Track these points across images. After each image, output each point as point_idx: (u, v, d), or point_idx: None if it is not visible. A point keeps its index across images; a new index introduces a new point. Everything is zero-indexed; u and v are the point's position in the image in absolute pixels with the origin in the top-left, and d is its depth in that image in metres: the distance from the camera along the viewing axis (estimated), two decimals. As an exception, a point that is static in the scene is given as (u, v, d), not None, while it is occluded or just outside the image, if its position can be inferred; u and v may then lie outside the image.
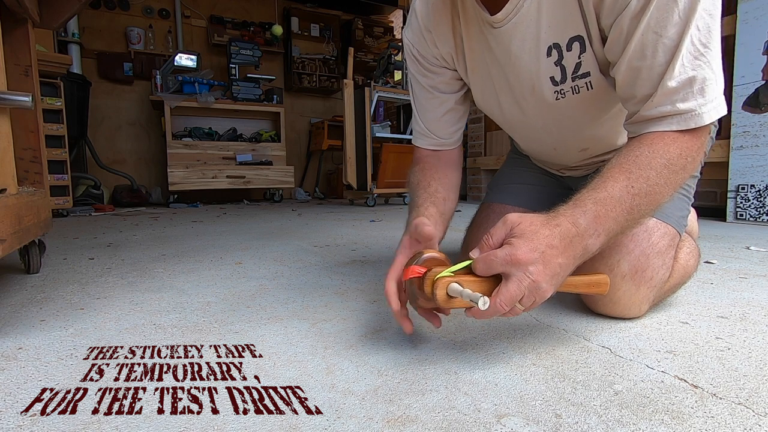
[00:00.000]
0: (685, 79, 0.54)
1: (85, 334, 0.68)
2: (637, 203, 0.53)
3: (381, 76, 3.61)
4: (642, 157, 0.55)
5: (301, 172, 5.15)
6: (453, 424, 0.42)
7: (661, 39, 0.53)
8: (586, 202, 0.52)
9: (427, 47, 0.79)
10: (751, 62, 1.99)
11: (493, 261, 0.49)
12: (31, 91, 1.07)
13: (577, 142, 0.80)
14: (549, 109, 0.73)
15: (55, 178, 2.55)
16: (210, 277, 1.06)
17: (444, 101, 0.83)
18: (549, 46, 0.65)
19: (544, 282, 0.48)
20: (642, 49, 0.55)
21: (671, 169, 0.55)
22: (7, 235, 0.71)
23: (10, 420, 0.44)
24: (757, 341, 0.62)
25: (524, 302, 0.49)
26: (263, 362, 0.57)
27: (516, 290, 0.48)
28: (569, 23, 0.62)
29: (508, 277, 0.48)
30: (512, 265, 0.48)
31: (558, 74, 0.67)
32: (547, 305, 0.79)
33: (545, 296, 0.49)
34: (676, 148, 0.55)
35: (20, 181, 1.04)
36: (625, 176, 0.54)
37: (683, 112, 0.55)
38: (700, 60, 0.53)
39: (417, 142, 0.89)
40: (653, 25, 0.53)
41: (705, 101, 0.54)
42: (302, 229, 2.04)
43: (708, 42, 0.53)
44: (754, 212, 2.02)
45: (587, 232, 0.51)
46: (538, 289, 0.48)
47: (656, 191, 0.54)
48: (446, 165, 0.85)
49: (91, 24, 4.07)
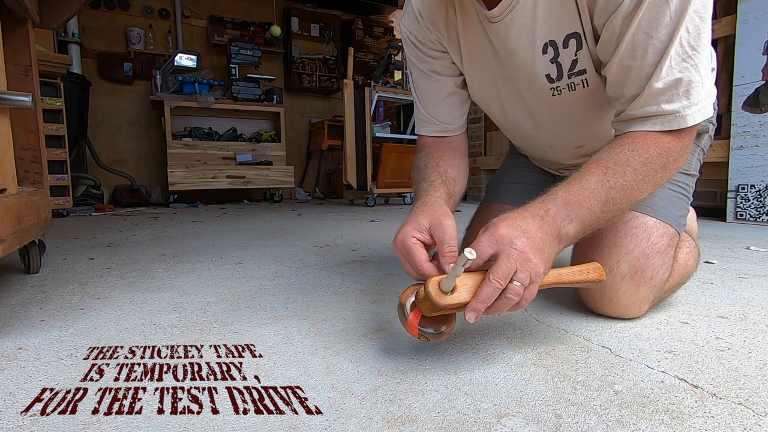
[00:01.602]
0: (671, 80, 0.55)
1: (85, 334, 0.68)
2: (612, 196, 0.55)
3: (381, 76, 3.61)
4: (621, 154, 0.56)
5: (301, 172, 5.15)
6: (453, 424, 0.42)
7: (651, 40, 0.54)
8: (557, 191, 0.55)
9: (422, 32, 0.79)
10: (751, 62, 1.99)
11: (479, 245, 0.50)
12: (31, 91, 1.07)
13: (573, 139, 0.81)
14: (546, 105, 0.73)
15: (55, 178, 2.55)
16: (210, 277, 1.06)
17: (445, 84, 0.82)
18: (545, 43, 0.65)
19: (531, 252, 0.48)
20: (633, 49, 0.56)
21: (650, 167, 0.56)
22: (7, 235, 0.71)
23: (10, 420, 0.44)
24: (757, 341, 0.62)
25: (519, 277, 0.48)
26: (263, 362, 0.57)
27: (506, 264, 0.48)
28: (566, 20, 0.62)
29: (497, 256, 0.49)
30: (497, 242, 0.49)
31: (554, 71, 0.67)
32: (547, 305, 0.79)
33: (537, 270, 0.49)
34: (656, 148, 0.56)
35: (20, 181, 1.04)
36: (601, 171, 0.55)
37: (668, 113, 0.56)
38: (688, 62, 0.54)
39: (421, 130, 0.86)
40: (644, 26, 0.54)
41: (690, 103, 0.55)
42: (302, 229, 2.04)
43: (696, 45, 0.54)
44: (754, 212, 2.02)
45: (558, 215, 0.53)
46: (528, 261, 0.48)
47: (633, 187, 0.55)
48: (453, 150, 0.82)
49: (91, 24, 4.07)
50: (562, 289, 0.90)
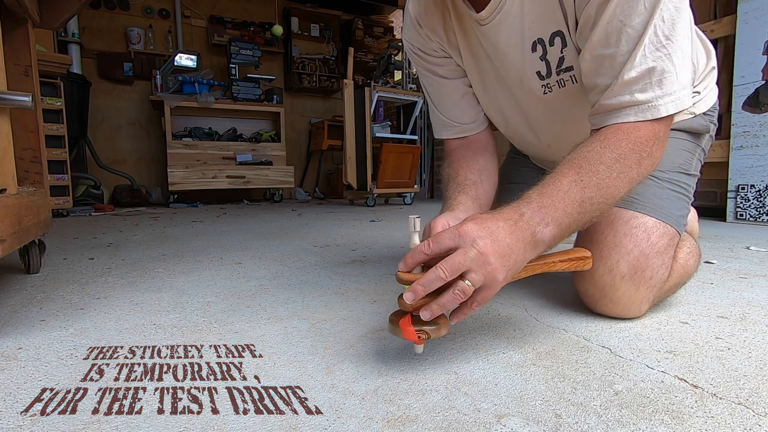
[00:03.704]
0: (644, 69, 0.54)
1: (85, 334, 0.68)
2: (588, 195, 0.53)
3: (381, 76, 3.61)
4: (593, 152, 0.56)
5: (301, 172, 5.15)
6: (453, 424, 0.42)
7: (625, 28, 0.54)
8: (531, 195, 0.54)
9: (424, 42, 0.81)
10: (751, 62, 1.99)
11: (442, 236, 0.48)
12: (31, 91, 1.07)
13: (569, 137, 0.81)
14: (539, 103, 0.74)
15: (55, 178, 2.55)
16: (210, 277, 1.06)
17: (456, 87, 0.83)
18: (534, 42, 0.66)
19: (493, 256, 0.46)
20: (606, 37, 0.56)
21: (623, 163, 0.55)
22: (7, 235, 0.71)
23: (10, 420, 0.44)
24: (757, 341, 0.62)
25: (472, 277, 0.46)
26: (263, 362, 0.57)
27: (461, 257, 0.46)
28: (550, 18, 0.63)
29: (455, 249, 0.47)
30: (459, 236, 0.48)
31: (543, 69, 0.68)
32: (547, 305, 0.79)
33: (495, 275, 0.47)
34: (627, 143, 0.56)
35: (20, 181, 1.04)
36: (574, 171, 0.54)
37: (641, 102, 0.56)
38: (661, 51, 0.54)
39: (442, 134, 0.88)
40: (618, 13, 0.54)
41: (663, 93, 0.55)
42: (302, 229, 2.04)
43: (671, 35, 0.54)
44: (754, 212, 2.02)
45: (533, 220, 0.51)
46: (487, 264, 0.46)
47: (608, 184, 0.54)
48: (475, 151, 0.84)
49: (91, 24, 4.07)
50: (561, 288, 0.90)
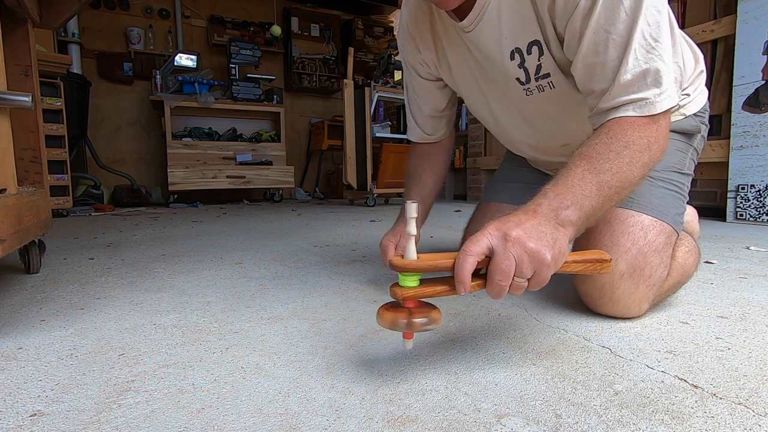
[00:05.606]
0: (639, 71, 0.57)
1: (85, 334, 0.68)
2: (604, 179, 0.53)
3: (381, 76, 3.60)
4: (600, 144, 0.57)
5: (301, 172, 5.15)
6: (453, 424, 0.42)
7: (611, 36, 0.57)
8: (545, 189, 0.54)
9: (411, 53, 0.87)
10: (751, 62, 1.99)
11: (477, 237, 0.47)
12: (31, 91, 1.07)
13: (556, 137, 0.83)
14: (523, 103, 0.77)
15: (55, 178, 2.55)
16: (210, 277, 1.06)
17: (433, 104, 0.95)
18: (512, 51, 0.69)
19: (528, 240, 0.46)
20: (594, 47, 0.58)
21: (633, 148, 0.56)
22: (7, 235, 0.71)
23: (10, 420, 0.44)
24: (757, 341, 0.62)
25: (522, 271, 0.46)
26: (263, 362, 0.57)
27: (503, 259, 0.45)
28: (527, 29, 0.66)
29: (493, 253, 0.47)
30: (490, 234, 0.47)
31: (522, 76, 0.72)
32: (547, 305, 0.79)
33: (540, 256, 0.46)
34: (633, 131, 0.57)
35: (20, 181, 1.04)
36: (584, 161, 0.55)
37: (639, 99, 0.58)
38: (653, 53, 0.56)
39: (410, 135, 1.03)
40: (602, 23, 0.57)
41: (660, 91, 0.57)
42: (302, 229, 2.04)
43: (658, 36, 0.56)
44: (754, 212, 2.02)
45: (552, 205, 0.51)
46: (525, 248, 0.46)
47: (622, 170, 0.55)
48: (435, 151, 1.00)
49: (91, 24, 4.07)
50: (561, 288, 0.90)
